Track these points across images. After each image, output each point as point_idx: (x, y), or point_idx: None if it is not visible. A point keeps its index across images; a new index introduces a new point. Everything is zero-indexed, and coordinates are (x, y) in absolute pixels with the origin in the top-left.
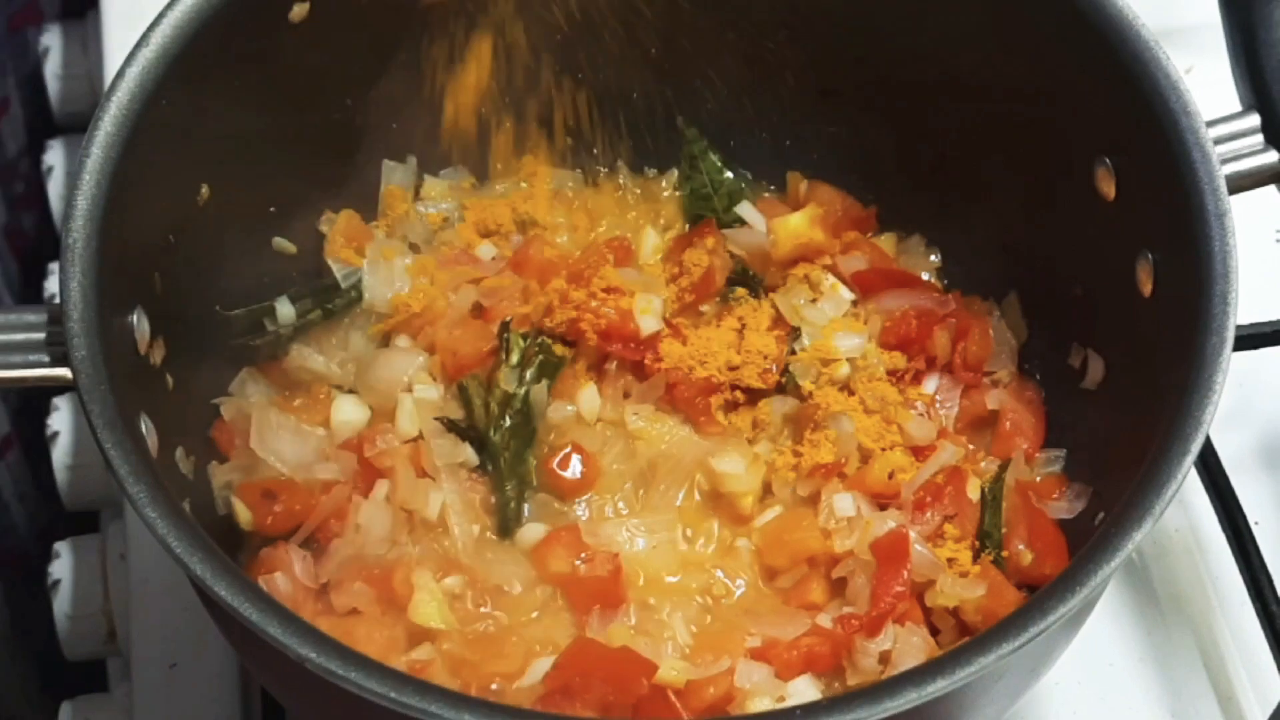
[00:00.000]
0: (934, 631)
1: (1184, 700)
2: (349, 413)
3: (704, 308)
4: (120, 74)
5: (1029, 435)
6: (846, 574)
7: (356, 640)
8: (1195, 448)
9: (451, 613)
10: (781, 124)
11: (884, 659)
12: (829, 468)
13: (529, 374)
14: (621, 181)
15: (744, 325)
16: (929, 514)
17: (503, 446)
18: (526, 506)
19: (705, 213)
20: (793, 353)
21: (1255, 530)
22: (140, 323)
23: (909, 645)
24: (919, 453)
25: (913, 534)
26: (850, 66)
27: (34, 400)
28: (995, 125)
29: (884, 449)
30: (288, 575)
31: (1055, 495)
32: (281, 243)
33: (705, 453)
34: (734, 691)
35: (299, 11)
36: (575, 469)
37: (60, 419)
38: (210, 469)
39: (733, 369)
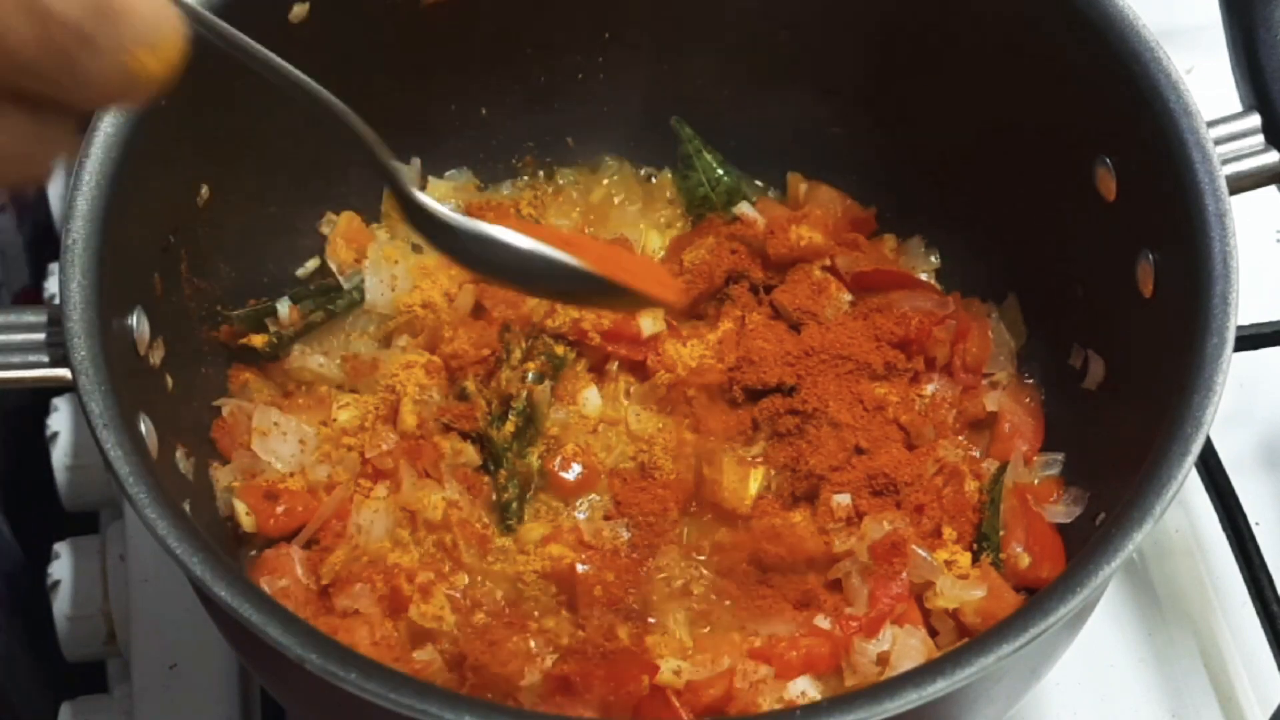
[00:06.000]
0: (932, 633)
1: (1184, 700)
2: (350, 413)
3: (704, 307)
4: None
5: (1028, 437)
6: (844, 575)
7: (357, 641)
8: (1196, 448)
9: (452, 613)
10: (781, 124)
11: (882, 660)
12: (827, 468)
13: (530, 374)
14: (623, 181)
15: (744, 325)
16: (927, 516)
17: (504, 447)
18: (528, 507)
19: (704, 211)
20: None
21: (1256, 530)
22: (140, 323)
23: (907, 647)
24: (917, 454)
25: (910, 536)
26: (850, 67)
27: (34, 400)
28: (995, 126)
29: (882, 450)
30: (289, 577)
31: (1053, 499)
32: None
33: (705, 453)
34: (734, 692)
35: (299, 12)
36: (576, 469)
37: (60, 419)
38: (212, 471)
39: (732, 369)
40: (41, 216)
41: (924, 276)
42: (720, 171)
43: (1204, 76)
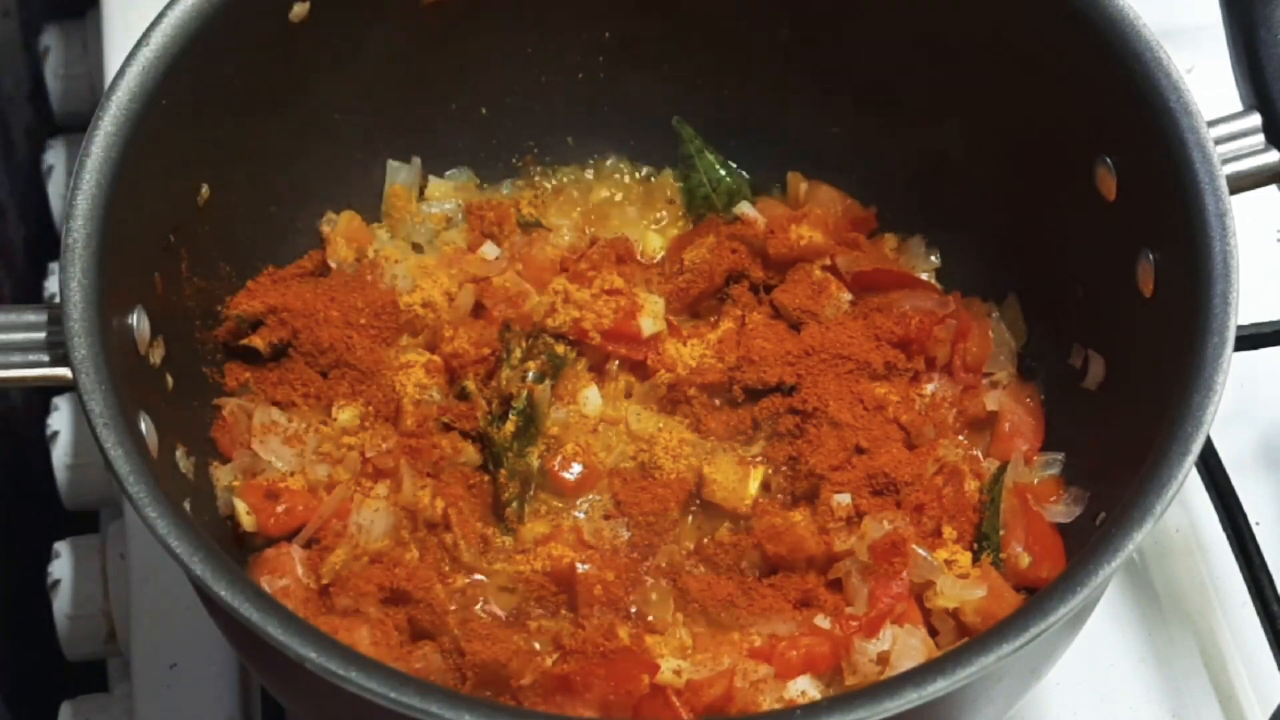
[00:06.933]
0: (933, 633)
1: (1184, 700)
2: (350, 413)
3: (704, 306)
4: (120, 74)
5: (1028, 437)
6: (844, 575)
7: (357, 641)
8: (1196, 448)
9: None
10: (782, 124)
11: (882, 660)
12: (827, 468)
13: (531, 374)
14: (623, 181)
15: (744, 324)
16: (927, 515)
17: (504, 446)
18: (528, 506)
19: (705, 211)
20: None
21: (1256, 530)
22: (140, 323)
23: (907, 646)
24: (917, 454)
25: (911, 535)
26: (851, 66)
27: (34, 400)
28: (996, 125)
29: (883, 449)
30: (289, 576)
31: (1053, 498)
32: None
33: (705, 453)
34: (734, 691)
35: (299, 11)
36: (576, 469)
37: (60, 419)
38: (212, 470)
39: (733, 368)
40: (42, 216)
41: (924, 276)
42: (722, 171)
43: (1204, 76)
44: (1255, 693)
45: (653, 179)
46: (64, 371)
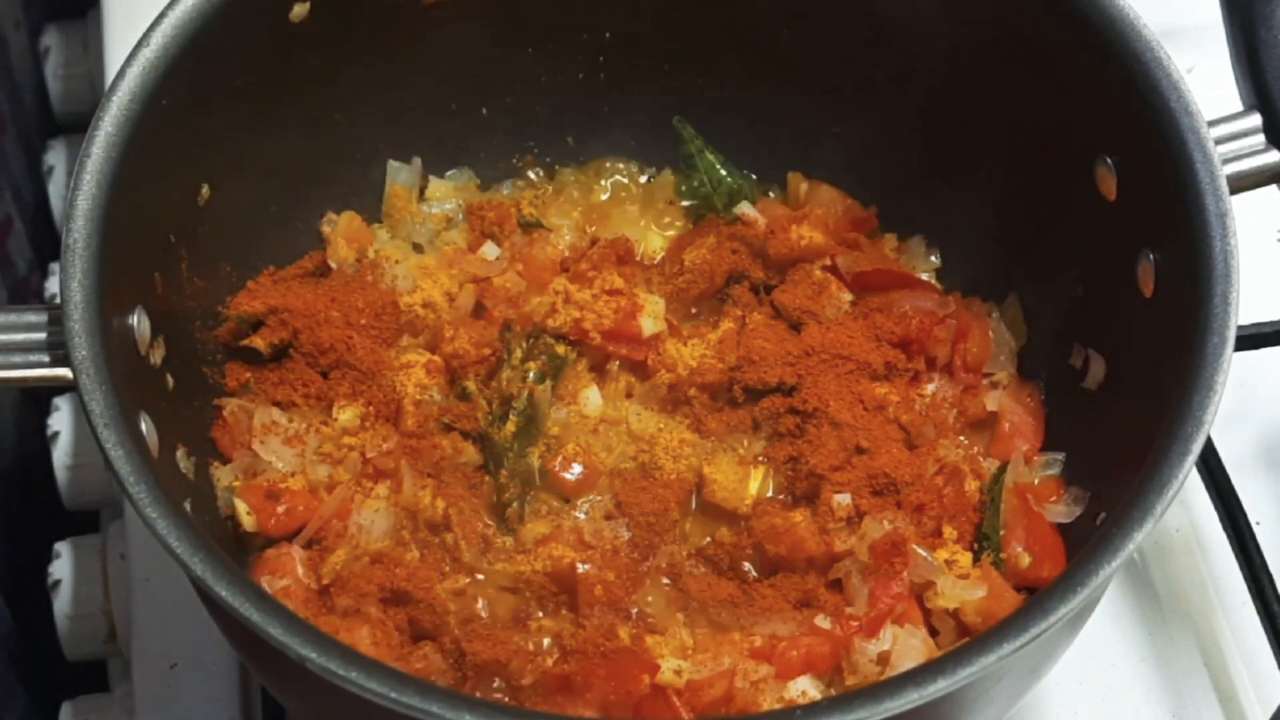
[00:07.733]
0: (933, 633)
1: (1185, 700)
2: (350, 413)
3: (704, 307)
4: (120, 74)
5: (1028, 437)
6: (844, 575)
7: (357, 641)
8: (1196, 448)
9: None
10: (782, 124)
11: (882, 660)
12: (827, 468)
13: (531, 374)
14: (624, 181)
15: (744, 325)
16: (927, 515)
17: (505, 447)
18: (528, 506)
19: (705, 211)
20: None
21: (1256, 530)
22: (140, 323)
23: (908, 646)
24: (918, 454)
25: (911, 535)
26: (851, 66)
27: (34, 400)
28: (996, 125)
29: (883, 449)
30: (290, 576)
31: (1054, 499)
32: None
33: (706, 453)
34: (734, 691)
35: (299, 11)
36: (577, 469)
37: (60, 419)
38: (213, 470)
39: (733, 368)
40: (42, 216)
41: (924, 276)
42: (723, 171)
43: (1204, 76)
44: (1255, 692)
45: (653, 179)
46: (64, 372)
